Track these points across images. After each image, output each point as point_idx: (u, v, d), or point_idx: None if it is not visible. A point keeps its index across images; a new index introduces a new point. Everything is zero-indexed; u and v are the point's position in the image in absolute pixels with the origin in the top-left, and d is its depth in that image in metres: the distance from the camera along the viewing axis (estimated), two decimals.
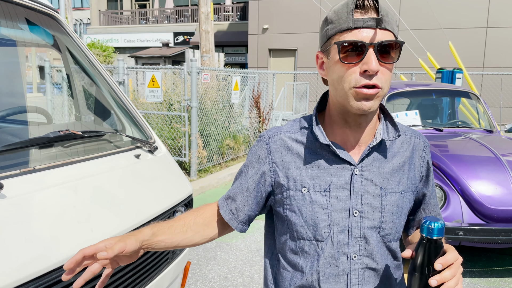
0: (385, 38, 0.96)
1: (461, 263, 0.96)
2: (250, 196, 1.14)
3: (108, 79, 2.23)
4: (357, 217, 1.05)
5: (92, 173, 1.60)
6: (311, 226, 1.06)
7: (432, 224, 0.88)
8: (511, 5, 12.55)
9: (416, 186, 1.13)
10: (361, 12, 0.96)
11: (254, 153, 1.15)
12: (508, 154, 3.99)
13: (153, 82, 6.96)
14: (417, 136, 1.15)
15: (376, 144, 1.06)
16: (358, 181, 1.05)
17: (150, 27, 23.91)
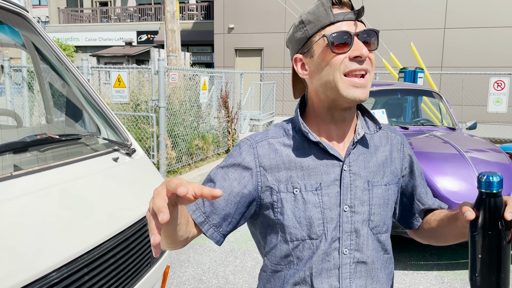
0: (363, 28, 1.04)
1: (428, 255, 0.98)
2: (233, 201, 1.06)
3: (81, 79, 2.17)
4: (347, 212, 1.07)
5: (71, 178, 1.55)
6: (305, 226, 1.06)
7: (491, 178, 0.87)
8: (467, 6, 13.08)
9: (398, 179, 1.17)
10: (338, 8, 1.04)
11: (237, 156, 1.10)
12: (471, 151, 4.16)
13: (119, 82, 6.81)
14: (392, 130, 1.20)
15: (359, 138, 1.10)
16: (347, 176, 1.07)
17: (112, 26, 23.36)
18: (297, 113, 1.14)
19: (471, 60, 13.12)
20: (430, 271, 3.94)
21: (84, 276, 1.40)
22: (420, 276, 3.83)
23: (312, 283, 1.08)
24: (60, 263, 1.30)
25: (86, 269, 1.41)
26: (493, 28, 12.86)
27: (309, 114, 1.14)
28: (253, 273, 3.84)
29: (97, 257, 1.48)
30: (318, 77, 1.06)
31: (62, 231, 1.37)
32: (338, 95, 1.03)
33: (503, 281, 0.90)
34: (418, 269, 3.98)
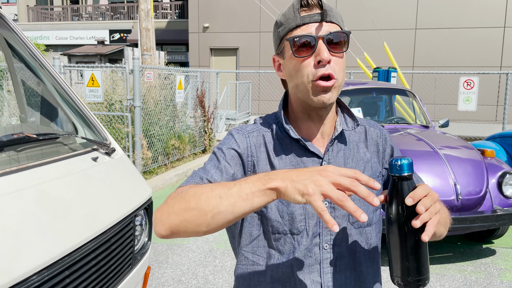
0: (332, 29, 1.02)
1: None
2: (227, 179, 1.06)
3: (57, 77, 2.11)
4: (328, 207, 1.07)
5: (50, 179, 1.50)
6: (287, 221, 1.07)
7: (400, 161, 0.86)
8: (437, 7, 13.40)
9: (380, 172, 1.16)
10: (306, 10, 1.02)
11: (233, 143, 1.10)
12: (444, 148, 4.26)
13: (93, 81, 6.67)
14: (372, 125, 1.20)
15: (338, 135, 1.11)
16: None
17: (83, 24, 22.87)
18: (280, 109, 1.15)
19: (441, 60, 13.45)
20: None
21: (66, 279, 1.37)
22: None
23: (294, 278, 1.08)
24: (41, 266, 1.26)
25: (67, 272, 1.37)
26: (463, 29, 13.22)
27: (290, 111, 1.15)
28: (232, 273, 3.83)
29: (78, 259, 1.44)
30: (290, 79, 1.08)
31: (42, 233, 1.33)
32: (308, 98, 1.04)
33: (412, 269, 0.87)
34: None
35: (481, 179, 3.98)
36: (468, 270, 3.94)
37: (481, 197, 3.92)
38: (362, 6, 12.74)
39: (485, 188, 3.95)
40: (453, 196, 3.82)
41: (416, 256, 0.87)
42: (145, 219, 2.07)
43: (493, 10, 12.94)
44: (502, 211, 3.89)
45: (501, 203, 4.07)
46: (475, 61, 13.15)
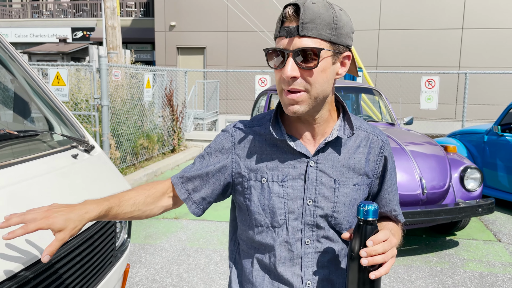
0: (304, 45, 1.00)
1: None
2: (209, 182, 1.17)
3: (30, 72, 2.08)
4: (310, 205, 1.12)
5: (31, 176, 1.49)
6: (268, 214, 1.13)
7: (366, 206, 0.96)
8: (400, 8, 13.82)
9: (371, 180, 1.19)
10: (286, 22, 1.03)
11: (219, 143, 1.18)
12: (410, 144, 4.43)
13: (58, 80, 6.51)
14: (376, 134, 1.20)
15: (332, 139, 1.13)
16: (313, 172, 1.12)
17: (44, 21, 22.14)
18: (276, 107, 1.19)
19: (404, 60, 13.88)
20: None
21: (52, 276, 1.36)
22: None
23: (276, 270, 1.15)
24: (28, 262, 1.26)
25: (53, 268, 1.37)
26: (424, 30, 13.69)
27: None
28: (207, 270, 3.85)
29: (62, 256, 1.44)
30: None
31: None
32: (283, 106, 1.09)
33: None
34: None
35: (445, 173, 4.17)
36: (434, 261, 4.12)
37: (444, 191, 4.11)
38: None
39: (449, 182, 4.15)
40: (419, 190, 3.99)
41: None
42: None
43: (451, 12, 13.47)
44: (464, 204, 4.09)
45: (463, 196, 4.28)
46: (435, 61, 13.65)
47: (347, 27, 1.06)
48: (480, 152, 5.97)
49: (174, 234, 4.73)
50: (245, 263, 1.21)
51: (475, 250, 4.39)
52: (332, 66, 1.06)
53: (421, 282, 3.68)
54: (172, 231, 4.81)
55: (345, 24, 1.05)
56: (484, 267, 3.99)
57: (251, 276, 1.19)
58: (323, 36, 1.01)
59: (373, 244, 0.94)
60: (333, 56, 1.05)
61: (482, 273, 3.85)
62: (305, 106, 1.05)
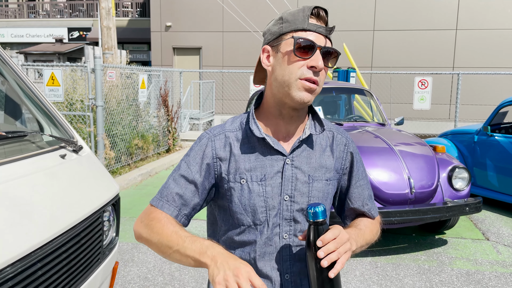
0: (329, 45, 1.15)
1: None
2: (198, 191, 1.19)
3: (20, 74, 2.13)
4: (287, 201, 1.19)
5: (19, 176, 1.54)
6: (250, 213, 1.18)
7: (314, 208, 1.03)
8: (395, 9, 13.90)
9: (340, 175, 1.28)
10: (314, 19, 1.14)
11: (199, 150, 1.21)
12: (399, 144, 4.49)
13: (53, 80, 6.55)
14: (340, 132, 1.30)
15: (305, 137, 1.21)
16: (289, 169, 1.19)
17: (41, 22, 22.13)
18: (251, 108, 1.24)
19: (398, 60, 13.96)
20: (365, 257, 4.22)
21: (38, 271, 1.41)
22: (356, 262, 4.09)
23: (256, 265, 1.20)
24: (13, 258, 1.31)
25: (39, 264, 1.42)
26: (419, 31, 13.77)
27: (262, 108, 1.25)
28: (198, 269, 3.90)
29: (49, 253, 1.49)
30: (277, 72, 1.16)
31: (14, 228, 1.38)
32: (288, 95, 1.14)
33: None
34: (354, 256, 4.25)
35: (433, 173, 4.23)
36: (422, 259, 4.19)
37: (432, 190, 4.18)
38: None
39: (437, 182, 4.21)
40: (407, 190, 4.05)
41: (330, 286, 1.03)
42: (113, 215, 2.12)
43: (445, 13, 13.56)
44: (452, 203, 4.16)
45: (451, 195, 4.34)
46: (429, 62, 13.73)
47: None
48: (470, 152, 6.05)
49: None
50: None
51: (463, 248, 4.46)
52: None
53: (408, 280, 3.75)
54: None
55: None
56: (471, 265, 4.06)
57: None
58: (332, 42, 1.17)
59: (322, 244, 1.01)
60: None
61: (469, 271, 3.92)
62: (313, 97, 1.15)
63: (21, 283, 1.32)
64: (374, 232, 1.30)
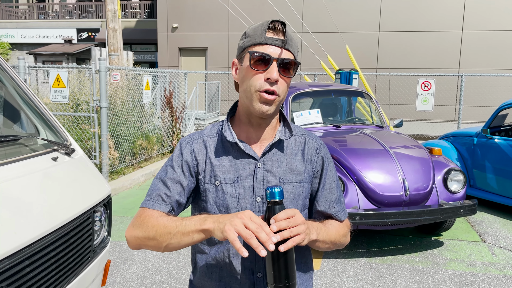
0: (287, 56, 1.21)
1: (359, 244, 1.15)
2: (181, 190, 1.27)
3: (17, 79, 2.23)
4: (259, 202, 1.26)
5: (11, 177, 1.63)
6: (224, 213, 1.26)
7: (271, 189, 1.09)
8: (399, 11, 13.89)
9: (312, 178, 1.35)
10: (272, 33, 1.21)
11: (179, 154, 1.30)
12: (395, 147, 4.54)
13: (59, 82, 6.69)
14: (312, 137, 1.37)
15: (276, 142, 1.29)
16: (261, 172, 1.27)
17: (50, 22, 22.42)
18: (227, 115, 1.34)
19: (403, 62, 13.95)
20: (360, 258, 4.27)
21: (26, 268, 1.51)
22: (351, 263, 4.15)
23: (230, 263, 1.28)
24: (2, 255, 1.40)
25: (27, 261, 1.51)
26: (423, 32, 13.75)
27: (237, 115, 1.34)
28: None
29: (38, 250, 1.58)
30: (242, 84, 1.26)
31: (3, 227, 1.47)
32: (251, 105, 1.23)
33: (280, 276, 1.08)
34: (349, 256, 4.31)
35: (428, 175, 4.28)
36: (417, 260, 4.24)
37: (427, 192, 4.22)
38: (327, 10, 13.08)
39: (431, 184, 4.26)
40: (402, 192, 4.10)
41: (283, 265, 1.08)
42: (105, 215, 2.21)
43: (451, 14, 13.52)
44: (446, 205, 4.20)
45: (446, 197, 4.38)
46: (435, 63, 13.70)
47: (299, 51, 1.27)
48: (470, 154, 6.07)
49: None
50: (201, 261, 1.33)
51: (459, 250, 4.49)
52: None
53: (402, 281, 3.80)
54: None
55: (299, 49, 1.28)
56: (465, 266, 4.09)
57: (205, 272, 1.32)
58: (295, 53, 1.24)
59: (275, 222, 1.06)
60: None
61: (462, 273, 3.96)
62: (273, 107, 1.22)
63: (9, 279, 1.41)
64: (341, 234, 1.35)
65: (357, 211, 3.99)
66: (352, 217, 3.95)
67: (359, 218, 3.96)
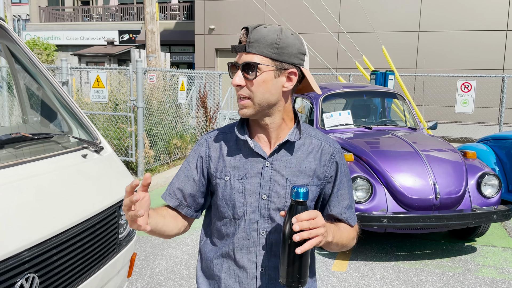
0: (246, 60, 1.23)
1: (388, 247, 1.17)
2: (193, 184, 1.37)
3: (55, 84, 2.37)
4: (265, 200, 1.31)
5: (43, 172, 1.76)
6: (230, 207, 1.33)
7: (297, 189, 1.13)
8: (441, 10, 13.52)
9: (322, 182, 1.34)
10: (242, 39, 1.27)
11: (196, 150, 1.41)
12: (427, 150, 4.46)
13: (98, 83, 6.97)
14: (328, 142, 1.37)
15: (283, 142, 1.32)
16: (268, 171, 1.31)
17: (94, 25, 23.30)
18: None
19: (441, 62, 13.56)
20: (388, 261, 4.23)
21: (53, 256, 1.62)
22: (378, 266, 4.12)
23: (234, 256, 1.34)
24: (30, 244, 1.52)
25: (54, 250, 1.63)
26: (464, 32, 13.31)
27: None
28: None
29: (65, 240, 1.70)
30: None
31: (33, 217, 1.59)
32: None
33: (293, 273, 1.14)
34: (377, 259, 4.27)
35: (460, 179, 4.18)
36: (447, 265, 4.15)
37: (459, 197, 4.12)
38: (361, 9, 12.91)
39: (464, 188, 4.15)
40: (432, 195, 4.03)
41: (298, 262, 1.13)
42: None
43: (496, 13, 13.02)
44: (479, 210, 4.09)
45: (480, 202, 4.26)
46: (474, 64, 13.24)
47: (292, 48, 1.25)
48: (509, 158, 5.85)
49: (197, 230, 5.00)
50: (208, 252, 1.41)
51: (492, 256, 4.36)
52: (275, 79, 1.25)
53: (429, 286, 3.73)
54: (195, 227, 5.07)
55: (289, 45, 1.25)
56: (497, 273, 3.97)
57: (212, 263, 1.39)
58: (264, 53, 1.23)
59: (297, 221, 1.11)
60: (275, 71, 1.25)
61: (494, 279, 3.85)
62: (251, 110, 1.27)
63: (37, 266, 1.53)
64: (351, 237, 1.38)
65: (385, 214, 3.95)
66: (380, 220, 3.92)
67: (387, 221, 3.92)
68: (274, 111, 1.30)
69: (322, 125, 5.30)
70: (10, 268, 1.41)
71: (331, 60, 14.29)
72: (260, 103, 1.26)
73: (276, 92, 1.27)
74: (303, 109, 6.04)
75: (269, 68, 1.23)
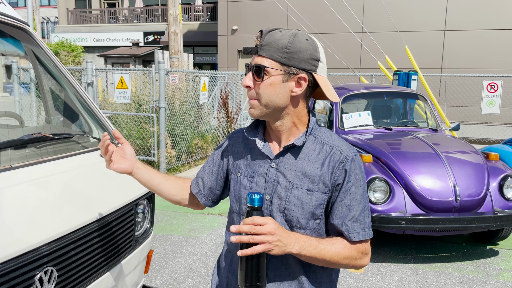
0: (257, 62, 1.27)
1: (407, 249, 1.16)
2: (213, 177, 1.50)
3: (77, 86, 2.47)
4: (268, 200, 1.34)
5: (62, 170, 1.84)
6: (237, 202, 1.40)
7: (253, 195, 1.18)
8: (467, 9, 13.23)
9: (329, 190, 1.29)
10: (256, 41, 1.32)
11: (221, 145, 1.52)
12: (448, 151, 4.40)
13: (122, 84, 7.13)
14: (341, 149, 1.31)
15: (290, 145, 1.32)
16: (273, 172, 1.33)
17: (119, 26, 23.77)
18: None
19: (468, 62, 13.27)
20: (407, 264, 4.19)
21: (71, 251, 1.70)
22: (397, 268, 4.09)
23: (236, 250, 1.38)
24: (50, 238, 1.59)
25: (72, 245, 1.70)
26: (491, 30, 13.00)
27: None
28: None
29: (82, 236, 1.77)
30: None
31: (52, 213, 1.67)
32: None
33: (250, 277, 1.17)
34: (395, 261, 4.24)
35: (482, 181, 4.11)
36: (467, 269, 4.08)
37: (480, 199, 4.05)
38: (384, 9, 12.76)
39: (485, 190, 4.08)
40: (452, 197, 3.97)
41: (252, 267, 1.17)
42: (148, 208, 2.39)
43: None
44: (501, 212, 4.01)
45: (502, 205, 4.18)
46: (501, 63, 12.90)
47: (304, 53, 1.25)
48: None
49: (216, 229, 5.07)
50: (224, 245, 1.50)
51: None
52: (283, 83, 1.26)
53: None
54: (214, 226, 5.15)
55: (301, 50, 1.25)
56: None
57: (222, 255, 1.49)
58: (274, 57, 1.26)
59: (242, 224, 1.16)
60: (283, 75, 1.26)
61: None
62: (258, 111, 1.31)
63: (55, 260, 1.61)
64: (343, 256, 1.28)
65: (404, 216, 3.92)
66: (398, 222, 3.89)
67: (405, 223, 3.89)
68: (283, 114, 1.31)
69: (342, 126, 5.28)
70: (30, 261, 1.49)
71: (354, 60, 14.18)
72: (267, 105, 1.29)
73: (284, 96, 1.27)
74: (324, 110, 6.04)
75: (277, 72, 1.25)
